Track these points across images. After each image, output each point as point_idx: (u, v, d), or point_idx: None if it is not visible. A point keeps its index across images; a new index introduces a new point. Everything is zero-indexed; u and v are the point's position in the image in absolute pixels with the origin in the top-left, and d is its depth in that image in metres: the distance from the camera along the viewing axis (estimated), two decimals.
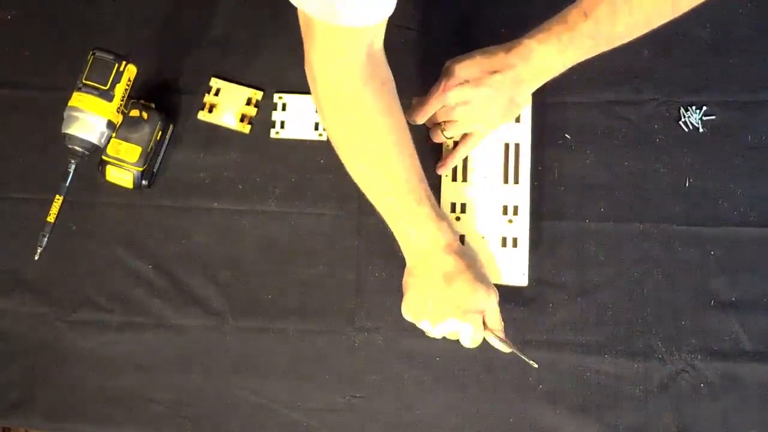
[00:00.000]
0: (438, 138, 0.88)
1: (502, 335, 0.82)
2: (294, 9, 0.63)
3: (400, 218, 0.78)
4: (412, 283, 0.81)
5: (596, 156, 0.91)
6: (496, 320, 0.81)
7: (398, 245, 0.81)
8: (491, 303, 0.80)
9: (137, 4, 1.00)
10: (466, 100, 0.80)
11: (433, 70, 0.93)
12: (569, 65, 0.78)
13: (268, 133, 0.95)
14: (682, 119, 0.90)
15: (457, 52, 0.94)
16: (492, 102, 0.80)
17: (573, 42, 0.75)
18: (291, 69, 0.96)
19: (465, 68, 0.80)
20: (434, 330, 0.81)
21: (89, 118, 0.87)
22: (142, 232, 0.94)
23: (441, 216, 0.78)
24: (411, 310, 0.81)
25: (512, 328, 0.88)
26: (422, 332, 0.89)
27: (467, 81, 0.79)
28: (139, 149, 0.90)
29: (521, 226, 0.87)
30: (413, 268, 0.81)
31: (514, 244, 0.87)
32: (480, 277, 0.79)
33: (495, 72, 0.78)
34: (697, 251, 0.88)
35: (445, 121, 0.85)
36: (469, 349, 0.88)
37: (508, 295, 0.88)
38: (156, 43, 0.99)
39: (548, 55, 0.77)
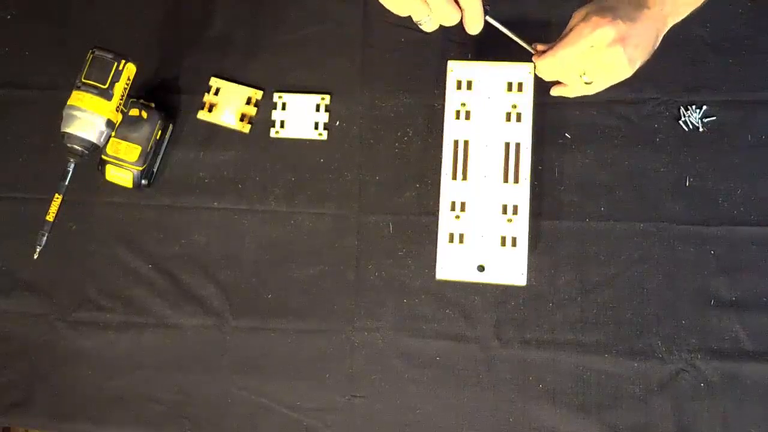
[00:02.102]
0: (571, 92, 0.77)
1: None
2: (293, 9, 0.62)
3: None
4: None
5: (596, 156, 0.91)
6: None
7: (397, 242, 0.81)
8: None
9: (137, 4, 1.00)
10: (622, 36, 0.68)
11: (433, 70, 0.93)
12: None
13: (268, 132, 0.95)
14: (682, 119, 0.90)
15: (458, 52, 0.94)
16: (643, 40, 0.70)
17: None
18: (291, 69, 0.96)
19: (613, 2, 0.69)
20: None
21: (88, 116, 0.87)
22: (142, 232, 0.94)
23: None
24: None
25: (512, 328, 0.88)
26: (422, 332, 0.89)
27: (619, 18, 0.68)
28: (138, 148, 0.90)
29: (521, 226, 0.87)
30: None
31: (513, 244, 0.86)
32: None
33: (644, 7, 0.69)
34: (697, 251, 0.88)
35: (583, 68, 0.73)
36: (469, 349, 0.88)
37: (507, 294, 0.88)
38: (156, 43, 0.99)
39: None
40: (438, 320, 0.89)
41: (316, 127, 0.95)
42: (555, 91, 0.79)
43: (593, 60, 0.70)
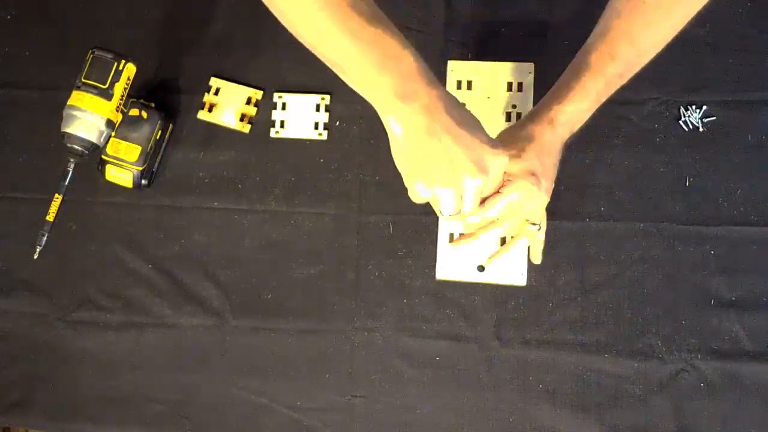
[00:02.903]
0: (484, 237, 0.80)
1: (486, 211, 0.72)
2: None
3: (339, 57, 0.66)
4: (393, 148, 0.68)
5: (596, 156, 0.91)
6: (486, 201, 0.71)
7: (397, 242, 0.80)
8: (490, 169, 0.64)
9: (137, 4, 1.00)
10: (547, 189, 0.75)
11: (433, 70, 0.93)
12: (598, 105, 0.75)
13: (268, 132, 0.95)
14: (682, 119, 0.90)
15: (458, 52, 0.94)
16: (552, 172, 0.76)
17: (605, 88, 0.73)
18: (291, 69, 0.96)
19: (526, 161, 0.74)
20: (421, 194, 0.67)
21: (88, 117, 0.87)
22: (142, 232, 0.94)
23: (390, 53, 0.63)
24: (405, 171, 0.68)
25: (512, 328, 0.88)
26: (422, 332, 0.89)
27: (535, 167, 0.74)
28: (138, 148, 0.90)
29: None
30: (387, 126, 0.68)
31: None
32: (461, 141, 0.63)
33: (547, 156, 0.75)
34: (697, 251, 0.88)
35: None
36: (469, 349, 0.88)
37: (507, 295, 0.89)
38: (156, 43, 0.99)
39: (583, 111, 0.74)
40: (438, 320, 0.89)
41: (316, 127, 0.95)
42: (455, 244, 0.85)
43: (514, 214, 0.76)
